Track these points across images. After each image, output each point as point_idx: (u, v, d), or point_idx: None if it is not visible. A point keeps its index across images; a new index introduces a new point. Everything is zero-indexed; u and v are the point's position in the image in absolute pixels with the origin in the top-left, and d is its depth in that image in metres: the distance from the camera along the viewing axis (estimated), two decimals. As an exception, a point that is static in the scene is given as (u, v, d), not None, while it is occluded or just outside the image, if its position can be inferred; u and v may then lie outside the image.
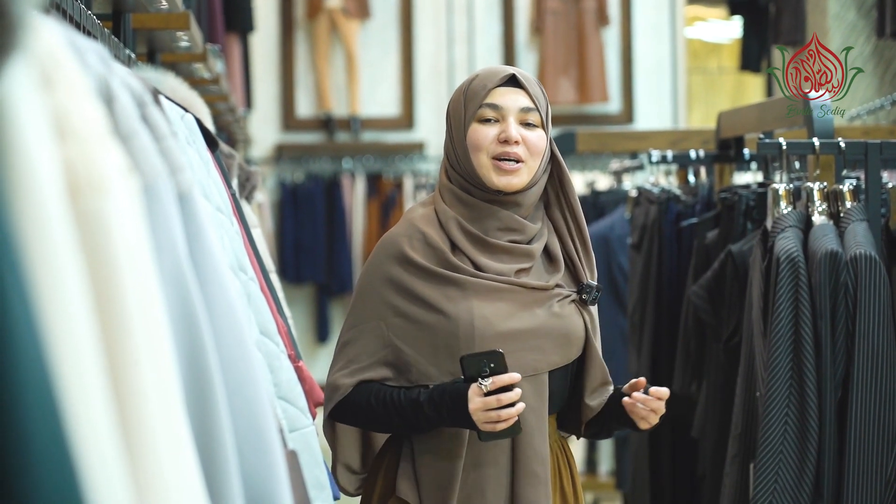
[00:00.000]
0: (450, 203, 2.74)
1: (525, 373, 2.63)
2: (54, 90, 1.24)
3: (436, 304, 2.66)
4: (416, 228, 2.73)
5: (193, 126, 2.31)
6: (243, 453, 1.64)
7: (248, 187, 3.94)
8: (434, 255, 2.70)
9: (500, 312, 2.66)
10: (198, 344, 1.51)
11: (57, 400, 1.07)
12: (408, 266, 2.69)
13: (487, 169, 2.68)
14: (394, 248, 2.72)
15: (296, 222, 10.14)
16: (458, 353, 2.60)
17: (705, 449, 4.25)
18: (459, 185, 2.74)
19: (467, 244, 2.71)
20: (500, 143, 2.68)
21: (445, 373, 2.64)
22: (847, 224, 3.25)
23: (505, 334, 2.65)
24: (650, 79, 10.34)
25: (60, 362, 1.12)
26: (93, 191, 1.25)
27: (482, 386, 2.52)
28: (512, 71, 2.73)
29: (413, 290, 2.68)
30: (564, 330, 2.71)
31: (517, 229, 2.73)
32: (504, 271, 2.70)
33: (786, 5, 7.86)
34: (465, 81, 2.79)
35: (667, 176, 5.57)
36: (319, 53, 10.15)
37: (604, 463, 7.95)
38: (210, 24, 6.86)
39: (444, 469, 2.66)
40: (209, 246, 1.62)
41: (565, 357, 2.72)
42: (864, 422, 3.10)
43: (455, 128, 2.75)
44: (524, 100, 2.71)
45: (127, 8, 3.21)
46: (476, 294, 2.66)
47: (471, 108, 2.71)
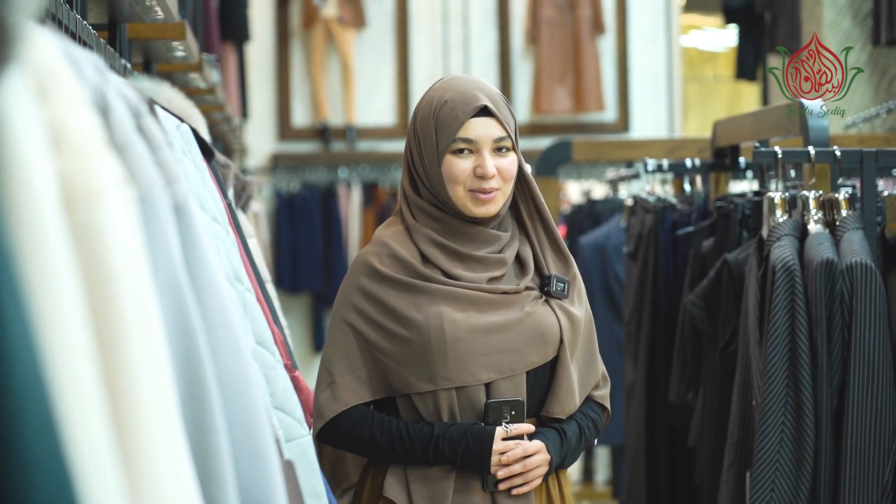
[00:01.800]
0: (420, 219, 2.79)
1: (503, 374, 2.70)
2: (50, 101, 1.24)
3: (406, 315, 2.70)
4: (385, 244, 2.78)
5: (189, 136, 2.31)
6: (240, 463, 1.63)
7: (244, 197, 3.94)
8: (403, 268, 2.74)
9: (470, 316, 2.70)
10: (194, 354, 1.50)
11: (53, 410, 1.07)
12: (378, 279, 2.74)
13: (464, 199, 2.73)
14: (364, 265, 2.77)
15: (292, 232, 10.13)
16: (433, 360, 2.67)
17: (702, 457, 4.25)
18: (432, 204, 2.78)
19: (439, 255, 2.75)
20: (476, 177, 2.71)
21: (424, 380, 2.69)
22: (843, 232, 3.25)
23: (477, 334, 2.69)
24: (646, 87, 10.35)
25: (57, 372, 1.12)
26: (89, 201, 1.25)
27: (507, 429, 2.67)
28: (483, 102, 2.73)
29: (384, 301, 2.72)
30: (538, 328, 2.73)
31: (491, 242, 2.78)
32: (476, 280, 2.74)
33: (781, 13, 7.87)
34: (430, 100, 2.77)
35: (663, 185, 5.58)
36: (315, 63, 10.15)
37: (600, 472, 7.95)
38: (206, 33, 6.87)
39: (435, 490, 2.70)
40: (205, 256, 1.62)
41: (542, 356, 2.73)
42: (860, 430, 3.10)
43: (427, 153, 2.76)
44: (496, 130, 2.73)
45: (123, 18, 3.21)
46: (445, 300, 2.71)
47: (443, 139, 2.73)
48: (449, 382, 2.67)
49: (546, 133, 9.90)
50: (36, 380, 1.06)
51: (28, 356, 1.05)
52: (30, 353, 1.05)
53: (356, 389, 2.73)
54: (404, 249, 2.76)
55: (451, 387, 2.68)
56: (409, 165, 2.81)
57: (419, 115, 2.78)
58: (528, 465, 2.68)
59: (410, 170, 2.81)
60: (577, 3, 10.14)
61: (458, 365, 2.66)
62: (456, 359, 2.66)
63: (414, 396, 2.70)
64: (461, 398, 2.69)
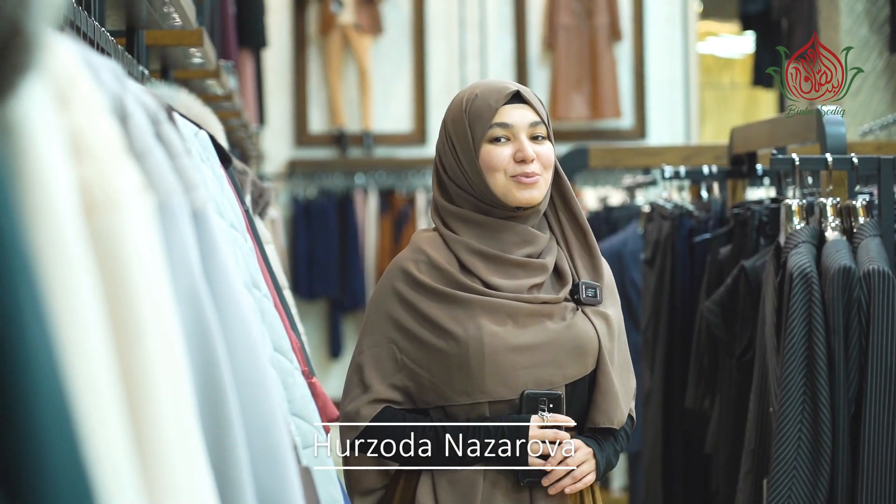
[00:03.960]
0: (455, 226, 2.74)
1: (542, 387, 2.65)
2: (70, 108, 1.25)
3: (445, 327, 2.66)
4: (422, 251, 2.74)
5: (207, 143, 2.32)
6: (257, 470, 1.64)
7: (262, 203, 3.95)
8: (441, 276, 2.70)
9: (509, 329, 2.66)
10: (212, 361, 1.51)
11: (73, 417, 1.08)
12: (416, 287, 2.70)
13: (507, 188, 2.68)
14: (401, 271, 2.72)
15: (309, 238, 10.15)
16: (471, 373, 2.63)
17: (718, 464, 4.24)
18: (471, 205, 2.73)
19: (478, 263, 2.70)
20: (517, 162, 2.68)
21: (461, 393, 2.64)
22: (860, 240, 3.25)
23: (516, 349, 2.64)
24: (662, 94, 10.34)
25: (76, 378, 1.13)
26: (108, 209, 1.25)
27: (543, 417, 2.63)
28: (515, 87, 2.72)
29: (422, 310, 2.68)
30: (578, 341, 2.68)
31: (532, 241, 2.73)
32: (517, 288, 2.69)
33: (798, 20, 7.86)
34: (460, 99, 2.76)
35: (679, 191, 5.57)
36: (332, 69, 10.16)
37: (617, 479, 7.93)
38: (223, 40, 6.88)
39: (463, 492, 2.66)
40: (223, 263, 1.62)
41: (582, 369, 2.69)
42: (878, 437, 3.10)
43: (462, 149, 2.72)
44: (531, 115, 2.71)
45: (140, 25, 3.22)
46: (484, 312, 2.66)
47: (478, 129, 2.70)
48: (486, 396, 2.63)
49: (563, 140, 9.89)
50: (55, 386, 1.06)
51: (48, 363, 1.05)
52: (49, 360, 1.06)
53: (390, 397, 2.69)
54: (441, 256, 2.71)
55: (488, 400, 2.65)
56: (440, 173, 2.77)
57: (450, 116, 2.75)
58: (576, 477, 2.66)
59: (441, 178, 2.77)
60: (593, 10, 10.14)
61: (497, 379, 2.62)
62: (494, 373, 2.62)
63: (447, 408, 2.67)
64: (497, 409, 2.65)
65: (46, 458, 1.04)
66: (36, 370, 1.04)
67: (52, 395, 1.05)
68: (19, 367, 1.03)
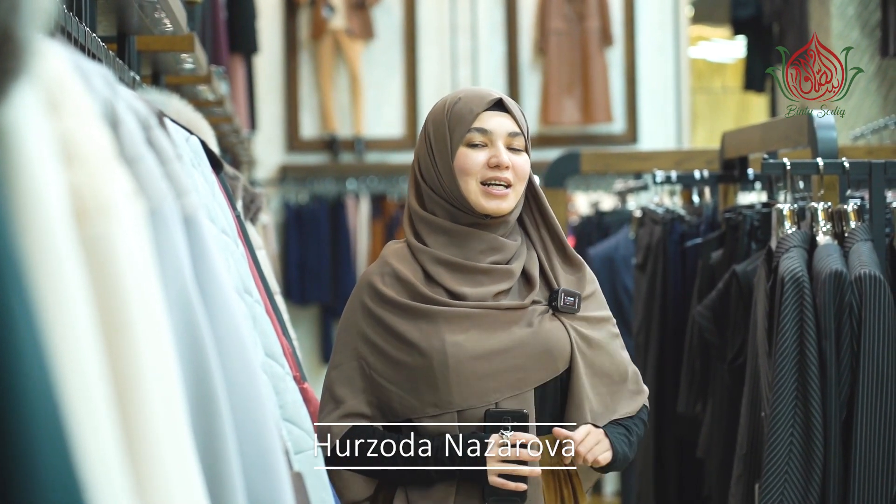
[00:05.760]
0: (424, 233, 2.76)
1: (509, 392, 2.65)
2: (60, 114, 1.24)
3: (410, 340, 2.67)
4: (388, 264, 2.76)
5: (198, 148, 2.31)
6: (249, 475, 1.64)
7: (253, 209, 3.94)
8: (404, 289, 2.71)
9: (473, 337, 2.67)
10: (203, 366, 1.51)
11: (63, 421, 1.08)
12: (381, 301, 2.72)
13: (476, 194, 2.70)
14: (368, 285, 2.75)
15: (300, 243, 10.14)
16: (437, 385, 2.64)
17: (710, 469, 4.25)
18: (442, 210, 2.75)
19: (443, 273, 2.72)
20: (490, 167, 2.69)
21: (429, 405, 2.66)
22: (851, 244, 3.25)
23: (481, 356, 2.65)
24: (654, 99, 10.35)
25: (67, 384, 1.13)
26: (99, 215, 1.25)
27: (504, 435, 2.60)
28: (498, 95, 2.74)
29: (388, 324, 2.70)
30: (545, 344, 2.69)
31: (499, 249, 2.74)
32: (483, 295, 2.70)
33: (789, 25, 7.88)
34: (444, 102, 2.77)
35: (671, 196, 5.58)
36: (323, 74, 10.16)
37: (609, 483, 7.94)
38: (214, 45, 6.88)
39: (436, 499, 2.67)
40: (214, 268, 1.62)
41: (550, 371, 2.69)
42: (869, 441, 3.10)
43: (439, 151, 2.74)
44: (510, 124, 2.73)
45: (131, 30, 3.22)
46: (447, 323, 2.67)
47: (458, 132, 2.71)
48: (454, 406, 2.65)
49: (554, 145, 9.90)
50: (46, 393, 1.06)
51: (38, 369, 1.05)
52: (40, 366, 1.06)
53: (362, 412, 2.71)
54: (407, 269, 2.73)
55: (456, 410, 2.65)
56: (416, 176, 2.79)
57: (432, 118, 2.77)
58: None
59: (417, 181, 2.78)
60: (585, 15, 10.15)
61: (463, 389, 2.64)
62: (460, 383, 2.63)
63: (417, 421, 2.67)
64: (466, 420, 2.65)
65: (38, 464, 1.03)
66: (27, 376, 1.04)
67: (43, 402, 1.05)
68: (10, 374, 1.03)
